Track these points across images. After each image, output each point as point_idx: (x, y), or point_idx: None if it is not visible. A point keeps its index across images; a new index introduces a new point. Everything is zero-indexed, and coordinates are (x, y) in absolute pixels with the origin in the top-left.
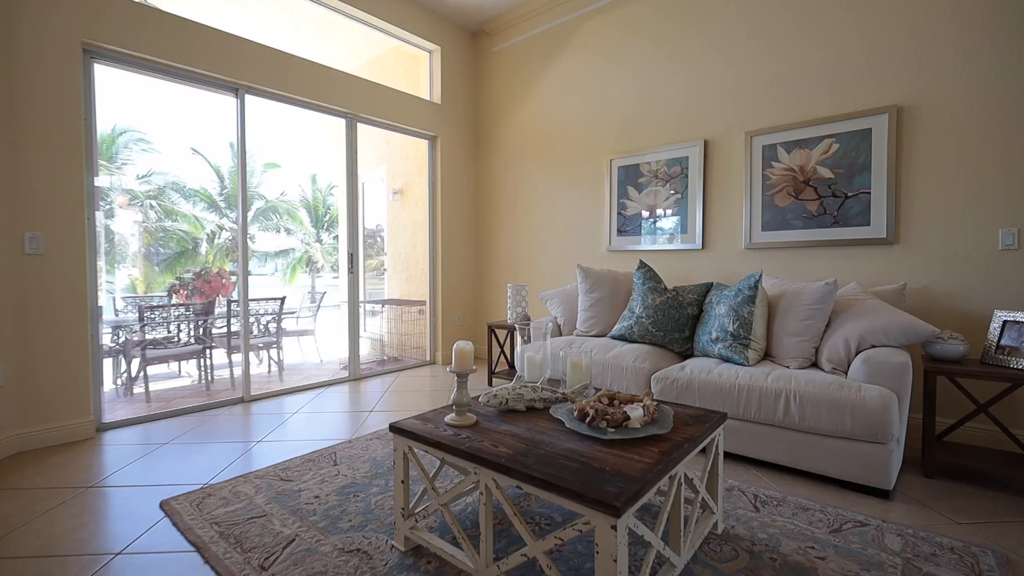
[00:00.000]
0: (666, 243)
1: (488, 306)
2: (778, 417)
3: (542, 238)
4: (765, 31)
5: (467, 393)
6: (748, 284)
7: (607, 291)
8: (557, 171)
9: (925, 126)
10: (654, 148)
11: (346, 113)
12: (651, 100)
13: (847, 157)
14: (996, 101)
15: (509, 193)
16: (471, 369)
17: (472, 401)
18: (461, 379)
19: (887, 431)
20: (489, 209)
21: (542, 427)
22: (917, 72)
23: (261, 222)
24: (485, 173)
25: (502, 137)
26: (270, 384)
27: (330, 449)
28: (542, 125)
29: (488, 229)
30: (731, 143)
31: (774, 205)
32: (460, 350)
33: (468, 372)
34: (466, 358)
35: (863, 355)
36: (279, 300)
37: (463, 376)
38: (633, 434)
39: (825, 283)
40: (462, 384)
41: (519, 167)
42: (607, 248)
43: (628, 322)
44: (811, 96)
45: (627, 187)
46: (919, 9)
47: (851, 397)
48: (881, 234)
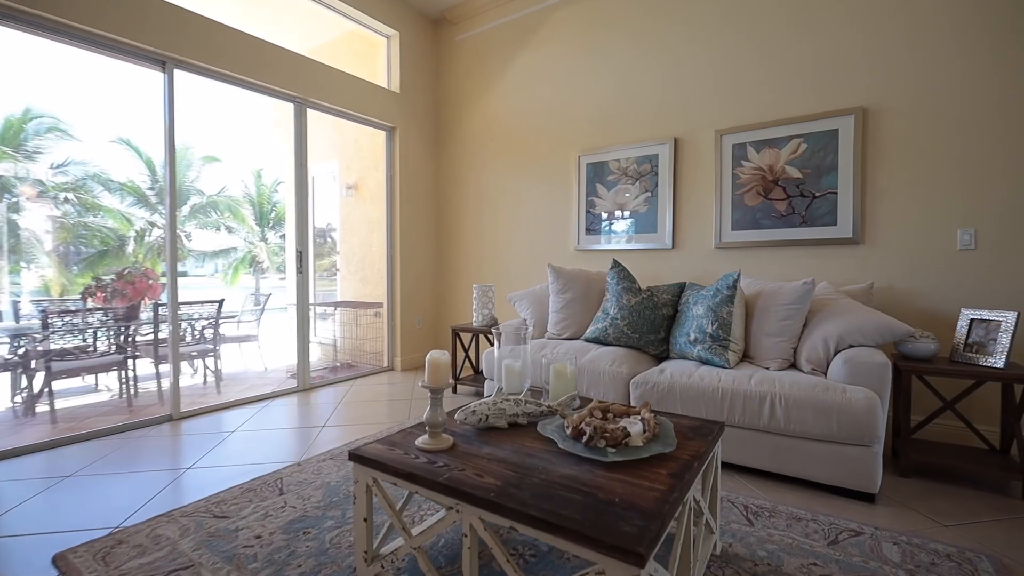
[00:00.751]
0: (636, 242)
1: (451, 308)
2: (763, 421)
3: (508, 237)
4: (735, 30)
5: (442, 411)
6: (726, 284)
7: (579, 291)
8: (524, 167)
9: (888, 128)
10: (623, 145)
11: (295, 97)
12: (621, 96)
13: (815, 157)
14: (952, 106)
15: (473, 189)
16: (447, 384)
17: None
18: (435, 396)
19: (873, 433)
20: (451, 205)
21: (531, 448)
22: (880, 75)
23: (199, 219)
24: (447, 168)
25: (466, 130)
26: (206, 398)
27: (275, 475)
28: (508, 119)
29: (450, 227)
30: (701, 141)
31: (744, 204)
32: (435, 362)
33: (444, 387)
34: (441, 371)
35: (843, 355)
36: (216, 303)
37: (437, 392)
38: (636, 454)
39: (803, 282)
40: (436, 401)
41: (484, 162)
42: (575, 247)
43: (602, 324)
44: (780, 95)
45: (596, 185)
46: (881, 15)
47: (837, 399)
48: (848, 234)
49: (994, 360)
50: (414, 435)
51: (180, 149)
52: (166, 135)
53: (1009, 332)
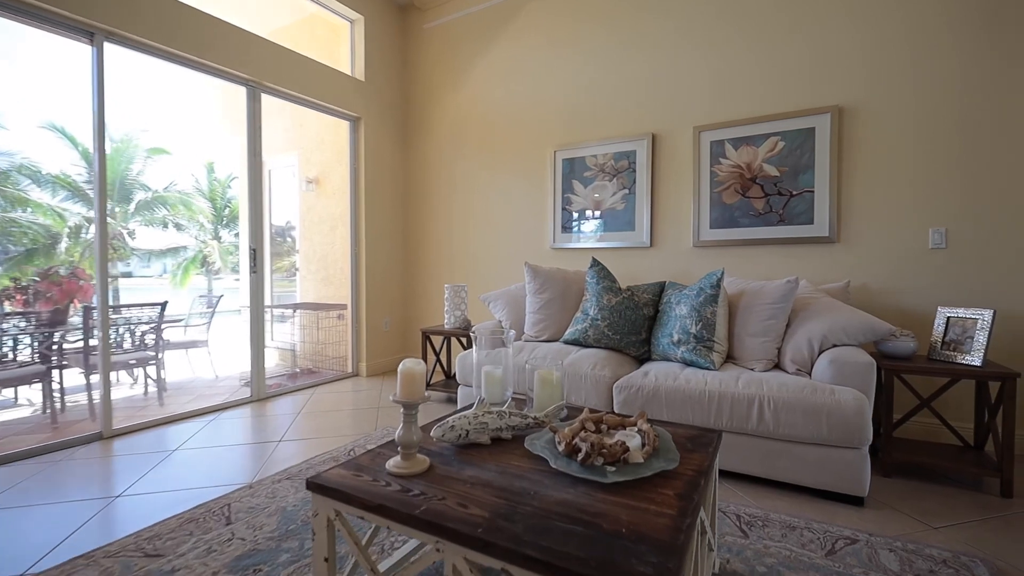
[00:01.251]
0: (613, 240)
1: (420, 309)
2: (751, 425)
3: (481, 234)
4: (712, 25)
5: (417, 429)
6: (710, 283)
7: (557, 291)
8: (498, 162)
9: (862, 128)
10: (600, 141)
11: (247, 80)
12: (597, 90)
13: (792, 155)
14: (923, 107)
15: (444, 184)
16: (423, 398)
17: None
18: (409, 412)
19: (863, 435)
20: (421, 201)
21: (519, 468)
22: (855, 75)
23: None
24: (416, 161)
25: (436, 122)
26: (146, 411)
27: (223, 500)
28: (481, 112)
29: (419, 224)
30: (679, 138)
31: (722, 202)
32: (408, 373)
33: (419, 402)
34: (416, 383)
35: (829, 355)
36: (159, 305)
37: (412, 408)
38: (638, 472)
39: (787, 281)
40: (410, 418)
41: (455, 156)
42: (551, 246)
43: (582, 325)
44: (758, 92)
45: (572, 181)
46: (858, 16)
47: (826, 401)
48: (824, 233)
49: (972, 358)
50: (384, 456)
51: (123, 140)
52: (95, 117)
53: (986, 330)
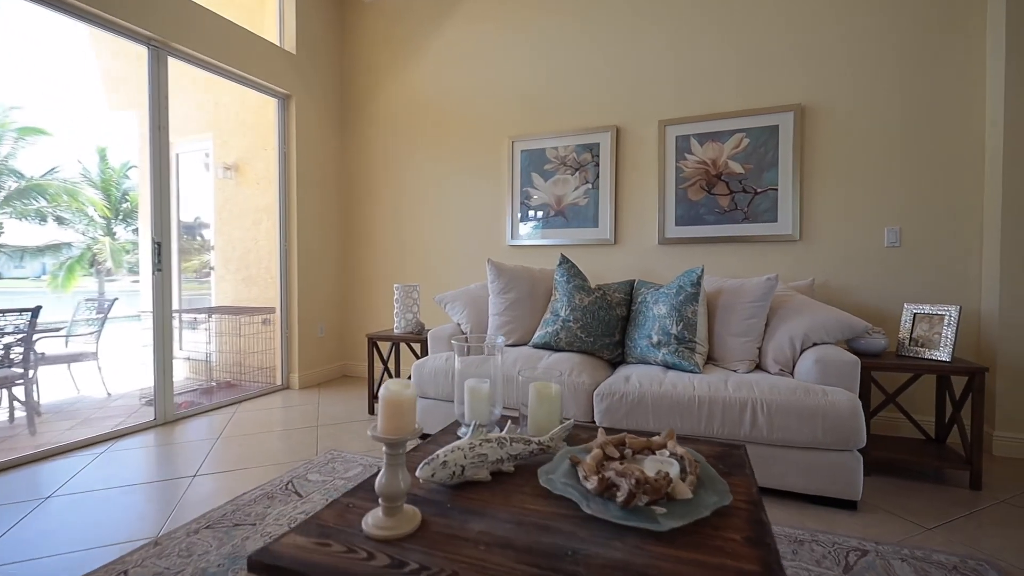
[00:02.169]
0: (575, 237)
1: (363, 312)
2: (744, 431)
3: (432, 230)
4: (679, 18)
5: (405, 475)
6: (690, 280)
7: (524, 291)
8: (450, 151)
9: (823, 127)
10: (562, 133)
11: (151, 40)
12: (558, 80)
13: (756, 153)
14: (878, 108)
15: (391, 174)
16: (414, 431)
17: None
18: (394, 451)
19: (858, 437)
20: (362, 193)
21: (538, 514)
22: (815, 75)
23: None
24: (357, 148)
25: (381, 107)
26: (10, 443)
27: (116, 567)
28: (432, 97)
29: (361, 217)
30: (644, 132)
31: (688, 199)
32: (395, 400)
33: (408, 438)
34: (404, 413)
35: (813, 355)
36: (29, 312)
37: (398, 447)
38: (693, 512)
39: (767, 278)
40: (396, 460)
41: (403, 144)
42: (509, 242)
43: (552, 327)
44: (723, 88)
45: (532, 174)
46: (816, 16)
47: (820, 403)
48: (788, 231)
49: (941, 354)
50: (356, 510)
51: None
52: None
53: (953, 326)
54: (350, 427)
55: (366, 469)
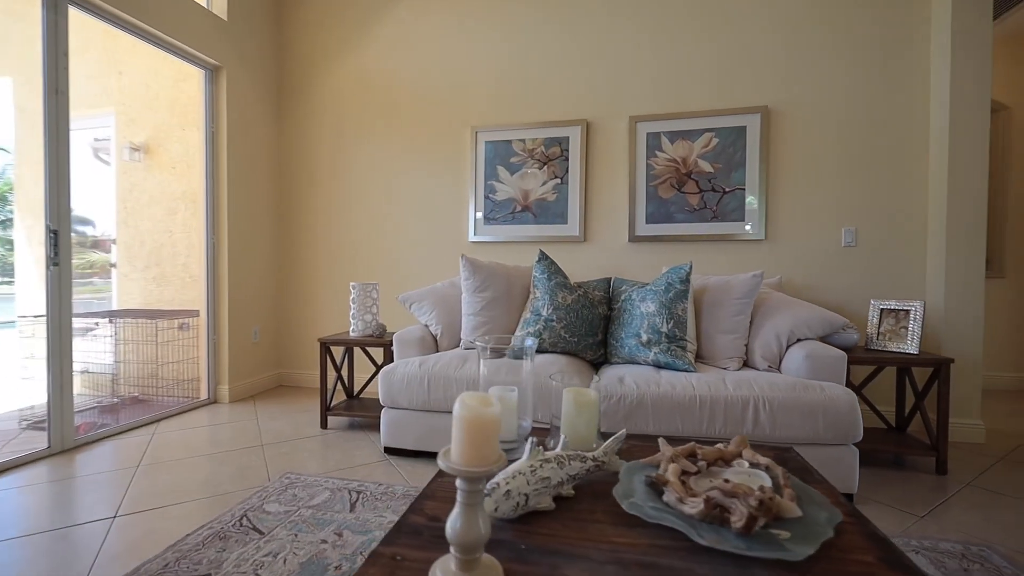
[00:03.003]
0: (544, 233)
1: (304, 314)
2: (747, 429)
3: (385, 224)
4: (650, 14)
5: (486, 518)
6: (679, 277)
7: (501, 289)
8: (407, 139)
9: (787, 130)
10: (530, 124)
11: None
12: (525, 68)
13: (725, 153)
14: (836, 114)
15: (338, 162)
16: (499, 460)
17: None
18: (473, 488)
19: (856, 431)
20: (305, 181)
21: (636, 548)
22: (781, 78)
23: None
24: (300, 132)
25: (328, 86)
26: None
27: None
28: (387, 79)
29: (303, 209)
30: (615, 127)
31: (658, 197)
32: (475, 421)
33: (492, 471)
34: (489, 438)
35: (802, 350)
36: None
37: (477, 482)
38: (817, 534)
39: (752, 275)
40: (475, 498)
41: (352, 129)
42: (472, 238)
43: (534, 327)
44: (694, 87)
45: (497, 167)
46: (782, 22)
47: (820, 398)
48: (754, 230)
49: (907, 346)
50: (412, 566)
51: None
52: None
53: (919, 320)
54: (302, 445)
55: (334, 494)
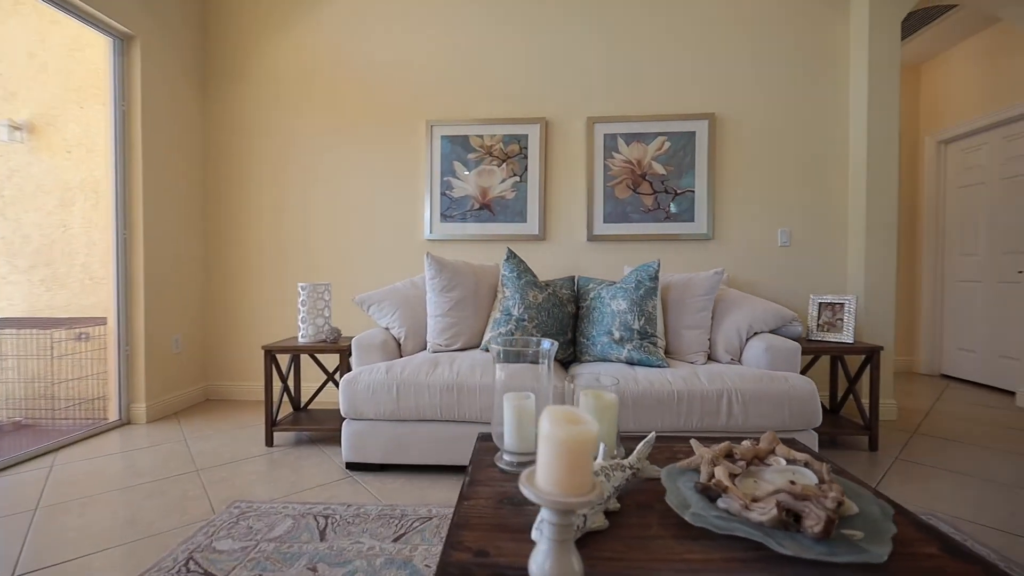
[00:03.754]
0: (502, 231)
1: (234, 319)
2: (721, 422)
3: (331, 221)
4: (605, 15)
5: (577, 554)
6: (648, 275)
7: (469, 288)
8: (355, 130)
9: (731, 136)
10: (488, 120)
11: None
12: (484, 62)
13: (677, 156)
14: (772, 124)
15: (275, 152)
16: (594, 488)
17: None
18: (566, 522)
19: (817, 416)
20: (235, 172)
21: (708, 564)
22: (726, 87)
23: None
24: (229, 116)
25: (266, 68)
26: None
27: None
28: (333, 61)
29: (233, 202)
30: (573, 127)
31: (615, 197)
32: (572, 443)
33: (590, 501)
34: (585, 462)
35: (762, 343)
36: None
37: (570, 514)
38: (884, 531)
39: (714, 272)
40: (566, 533)
41: (292, 117)
42: (427, 236)
43: (505, 328)
44: (648, 91)
45: (454, 163)
46: (724, 36)
47: (784, 388)
48: (703, 230)
49: (844, 336)
50: None
51: None
52: None
53: (853, 312)
54: (247, 467)
55: (298, 522)
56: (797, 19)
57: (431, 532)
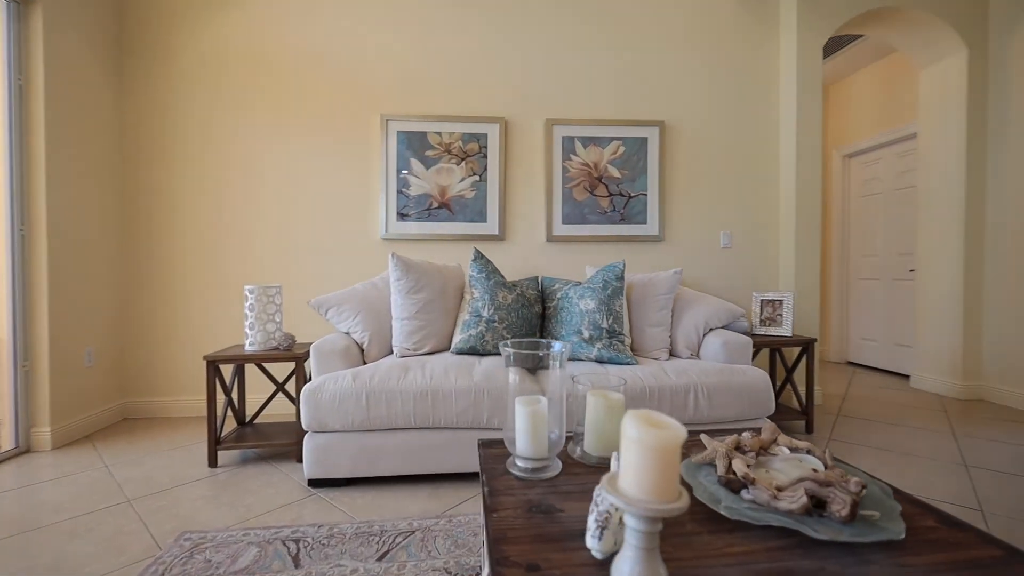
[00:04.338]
0: (462, 231)
1: (166, 327)
2: (688, 415)
3: (275, 218)
4: (568, 22)
5: (662, 561)
6: (614, 275)
7: (436, 290)
8: (306, 120)
9: (679, 144)
10: (446, 118)
11: None
12: (442, 58)
13: (631, 160)
14: (715, 133)
15: (210, 141)
16: (680, 494)
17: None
18: (653, 529)
19: (771, 405)
20: (160, 161)
21: (751, 556)
22: (674, 98)
23: None
24: (153, 98)
25: (202, 48)
26: None
27: None
28: (280, 47)
29: (158, 195)
30: (532, 128)
31: (573, 198)
32: (661, 447)
33: (681, 507)
34: (674, 466)
35: (719, 339)
36: None
37: (657, 521)
38: (892, 509)
39: (674, 272)
40: (653, 540)
41: (235, 103)
42: (383, 235)
43: (476, 329)
44: (605, 97)
45: (411, 160)
46: (673, 48)
47: (743, 380)
48: (654, 232)
49: (783, 330)
50: None
51: None
52: None
53: (791, 308)
54: (190, 492)
55: (264, 549)
56: (737, 39)
57: (416, 547)
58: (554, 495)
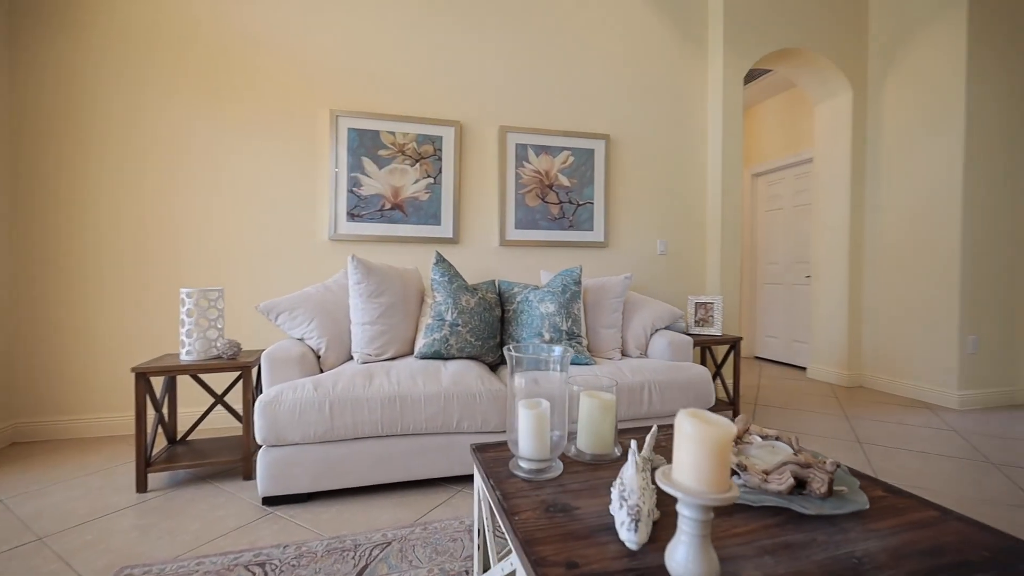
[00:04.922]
0: (415, 233)
1: (74, 338)
2: (643, 410)
3: (207, 215)
4: (515, 30)
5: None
6: (572, 279)
7: (398, 294)
8: (244, 109)
9: (622, 156)
10: (401, 117)
11: None
12: (397, 54)
13: (579, 170)
14: (652, 148)
15: (128, 128)
16: (733, 487)
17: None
18: (706, 518)
19: (711, 398)
20: (60, 148)
21: (754, 534)
22: (617, 114)
23: None
24: (54, 76)
25: (115, 17)
26: None
27: None
28: (214, 23)
29: (59, 188)
30: (486, 133)
31: (525, 204)
32: (718, 440)
33: (735, 498)
34: (727, 459)
35: (664, 339)
36: None
37: (709, 511)
38: (852, 483)
39: (624, 277)
40: (706, 528)
41: (160, 84)
42: (331, 236)
43: (439, 333)
44: (555, 108)
45: (363, 159)
46: (617, 67)
47: (688, 376)
48: (600, 239)
49: (714, 329)
50: None
51: None
52: None
53: (720, 310)
54: (120, 522)
55: None
56: (672, 64)
57: (396, 557)
58: (565, 494)
